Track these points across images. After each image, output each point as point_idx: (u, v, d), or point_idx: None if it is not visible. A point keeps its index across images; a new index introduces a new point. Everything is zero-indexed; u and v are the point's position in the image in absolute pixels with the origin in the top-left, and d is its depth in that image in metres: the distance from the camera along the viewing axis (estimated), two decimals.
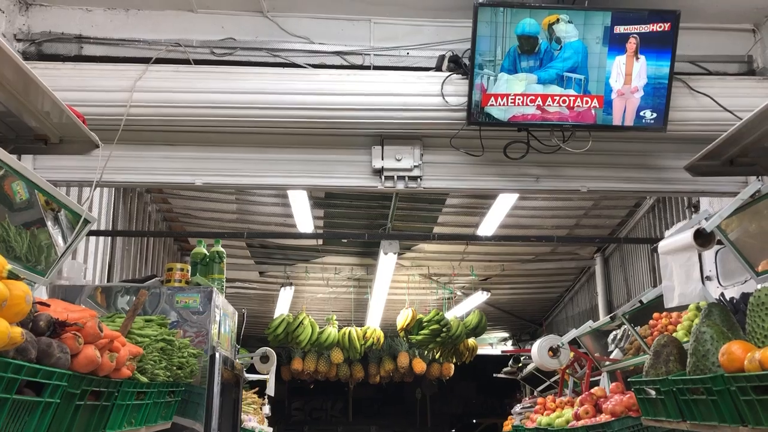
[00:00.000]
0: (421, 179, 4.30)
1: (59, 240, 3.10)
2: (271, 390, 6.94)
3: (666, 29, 3.78)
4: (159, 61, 4.03)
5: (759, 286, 3.19)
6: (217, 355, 3.74)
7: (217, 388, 3.71)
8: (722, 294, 4.56)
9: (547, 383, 8.49)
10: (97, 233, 5.19)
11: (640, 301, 4.83)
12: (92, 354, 2.05)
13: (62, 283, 3.98)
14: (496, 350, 13.22)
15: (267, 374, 6.69)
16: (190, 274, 4.16)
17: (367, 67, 4.23)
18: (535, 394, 8.70)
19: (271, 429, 7.50)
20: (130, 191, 6.39)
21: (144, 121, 3.98)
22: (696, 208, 5.75)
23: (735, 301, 4.18)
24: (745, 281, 4.62)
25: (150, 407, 2.77)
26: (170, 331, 3.12)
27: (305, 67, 4.18)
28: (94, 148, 3.32)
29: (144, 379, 2.60)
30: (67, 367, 1.90)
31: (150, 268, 7.14)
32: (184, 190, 6.95)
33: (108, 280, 5.67)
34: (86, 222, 3.24)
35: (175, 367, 3.05)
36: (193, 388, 3.60)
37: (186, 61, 4.10)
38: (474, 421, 18.44)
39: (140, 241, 6.92)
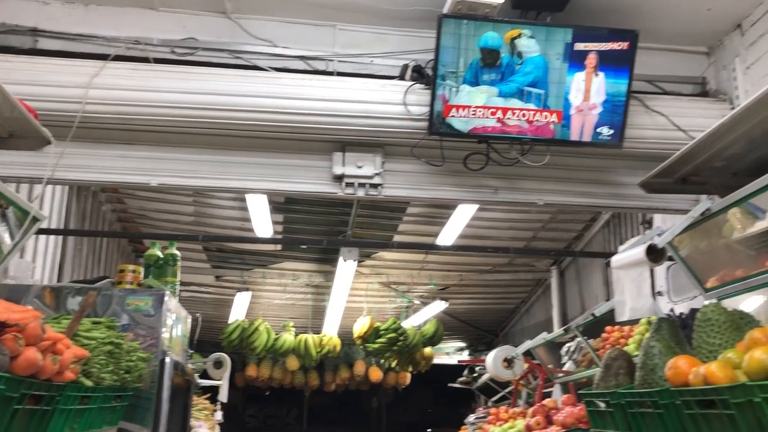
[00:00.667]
0: (381, 187, 4.30)
1: (6, 238, 3.01)
2: (223, 396, 6.83)
3: (625, 48, 3.86)
4: (117, 58, 3.96)
5: (706, 302, 3.27)
6: (168, 359, 3.67)
7: (166, 394, 3.64)
8: (672, 309, 4.65)
9: (502, 393, 8.56)
10: (47, 232, 5.06)
11: (593, 315, 4.91)
12: (33, 356, 1.98)
13: (8, 282, 3.87)
14: (453, 360, 13.29)
15: (220, 380, 6.59)
16: (143, 276, 4.08)
17: (331, 73, 4.22)
18: (490, 404, 8.75)
19: None
20: (84, 189, 6.25)
21: (100, 118, 3.90)
22: (650, 224, 5.88)
23: (684, 316, 4.27)
24: (695, 297, 4.73)
25: (94, 412, 2.69)
26: (119, 334, 3.05)
27: (268, 71, 4.15)
28: (46, 145, 3.23)
29: (88, 382, 2.53)
30: (5, 369, 1.84)
31: (103, 268, 6.99)
32: (139, 191, 6.83)
33: (58, 280, 5.53)
34: (35, 220, 3.15)
35: (122, 371, 2.98)
36: (142, 392, 3.51)
37: (145, 60, 4.03)
38: (429, 430, 18.49)
39: (93, 240, 6.77)
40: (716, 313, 2.78)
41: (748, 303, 3.40)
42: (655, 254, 3.42)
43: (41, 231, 4.46)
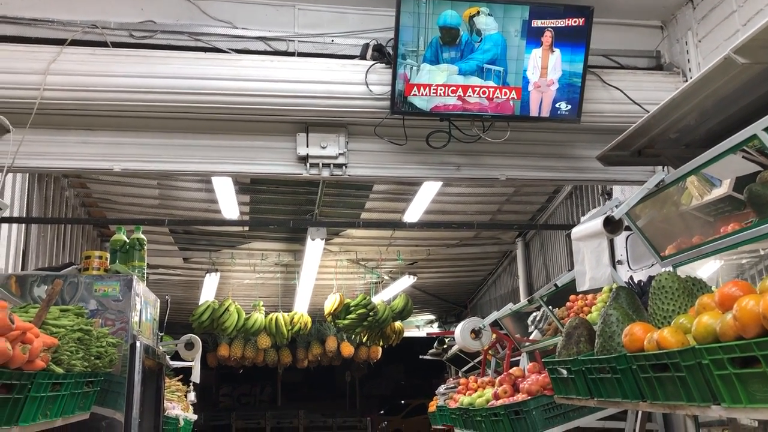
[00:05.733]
0: (346, 167, 4.33)
1: None
2: (196, 377, 6.86)
3: (580, 24, 3.93)
4: (75, 42, 3.90)
5: (662, 270, 3.40)
6: (138, 343, 3.69)
7: (137, 377, 3.67)
8: (631, 277, 4.80)
9: (471, 364, 8.72)
10: (9, 220, 4.99)
11: (555, 285, 5.03)
12: (3, 346, 2.00)
13: None
14: (423, 333, 13.48)
15: (192, 361, 6.61)
16: (109, 261, 4.08)
17: (292, 54, 4.22)
18: (460, 374, 8.91)
19: (196, 416, 7.42)
20: (46, 175, 6.15)
21: (59, 105, 3.85)
22: (610, 195, 6.02)
23: (642, 283, 4.42)
24: (652, 265, 4.89)
25: (66, 398, 2.71)
26: (87, 321, 3.06)
27: (228, 52, 4.12)
28: (4, 133, 3.21)
29: (59, 370, 2.55)
30: None
31: (68, 254, 6.92)
32: (103, 175, 6.75)
33: (22, 268, 5.47)
34: None
35: (93, 357, 2.99)
36: (113, 377, 3.54)
37: (103, 44, 3.97)
38: (402, 401, 18.78)
39: (57, 226, 6.68)
40: (670, 281, 2.90)
41: (705, 269, 3.54)
42: (612, 225, 3.52)
43: (2, 219, 4.41)
